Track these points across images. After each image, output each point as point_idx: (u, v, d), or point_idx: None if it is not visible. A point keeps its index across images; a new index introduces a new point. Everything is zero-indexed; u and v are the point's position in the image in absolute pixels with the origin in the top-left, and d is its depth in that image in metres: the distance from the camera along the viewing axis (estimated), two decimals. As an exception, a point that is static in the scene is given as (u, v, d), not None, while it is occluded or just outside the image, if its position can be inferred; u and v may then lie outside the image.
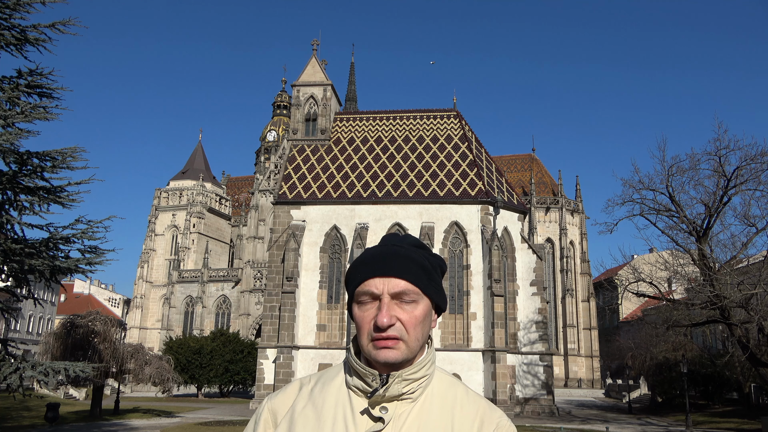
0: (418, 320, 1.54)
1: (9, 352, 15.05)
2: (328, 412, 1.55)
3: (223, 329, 50.26)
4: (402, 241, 1.64)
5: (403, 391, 1.53)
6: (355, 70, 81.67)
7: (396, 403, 1.54)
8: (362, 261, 1.61)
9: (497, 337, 31.42)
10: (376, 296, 1.54)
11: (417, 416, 1.54)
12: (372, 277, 1.55)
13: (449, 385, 1.65)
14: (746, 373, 33.45)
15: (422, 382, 1.57)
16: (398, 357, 1.51)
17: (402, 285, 1.53)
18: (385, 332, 1.50)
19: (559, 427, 24.76)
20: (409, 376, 1.54)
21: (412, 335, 1.53)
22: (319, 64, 42.13)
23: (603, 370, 60.48)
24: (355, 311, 1.58)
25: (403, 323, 1.52)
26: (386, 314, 1.50)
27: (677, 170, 26.47)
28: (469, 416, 1.56)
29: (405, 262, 1.56)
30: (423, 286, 1.56)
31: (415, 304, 1.54)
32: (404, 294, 1.53)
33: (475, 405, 1.60)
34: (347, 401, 1.56)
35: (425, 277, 1.57)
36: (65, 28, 14.86)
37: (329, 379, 1.64)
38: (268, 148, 77.85)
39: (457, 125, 40.44)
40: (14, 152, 13.94)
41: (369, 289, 1.54)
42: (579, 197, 63.99)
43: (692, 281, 26.33)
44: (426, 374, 1.59)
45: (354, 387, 1.58)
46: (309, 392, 1.62)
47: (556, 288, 59.18)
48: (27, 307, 51.90)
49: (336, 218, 35.55)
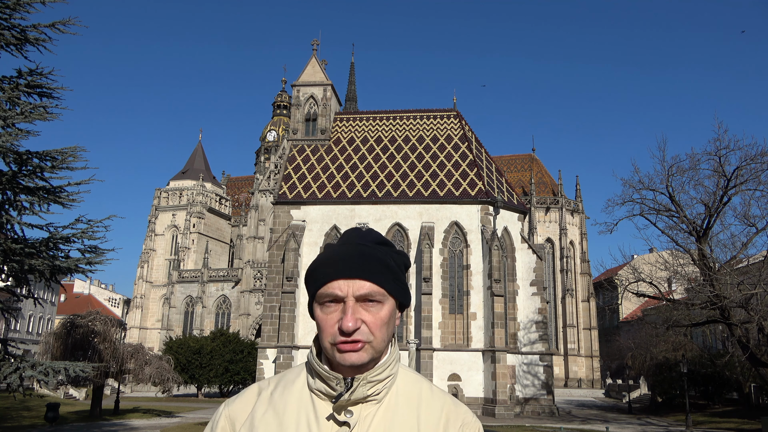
0: (383, 321, 1.49)
1: (9, 351, 15.04)
2: (290, 417, 1.49)
3: (223, 329, 50.26)
4: (365, 239, 1.57)
5: (368, 393, 1.49)
6: (355, 70, 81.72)
7: (361, 406, 1.49)
8: (324, 261, 1.53)
9: (497, 337, 31.42)
10: (340, 299, 1.47)
11: (383, 418, 1.49)
12: (335, 279, 1.47)
13: (413, 383, 1.60)
14: (746, 373, 33.43)
15: (387, 383, 1.53)
16: (364, 359, 1.46)
17: (367, 287, 1.47)
18: (350, 336, 1.45)
19: (559, 427, 24.76)
20: (374, 377, 1.50)
21: (378, 337, 1.48)
22: (319, 64, 42.13)
23: (603, 370, 60.48)
24: (318, 313, 1.51)
25: (369, 325, 1.47)
26: (351, 318, 1.44)
27: (677, 170, 26.48)
28: (434, 414, 1.53)
29: (369, 262, 1.49)
30: (388, 287, 1.50)
31: (380, 305, 1.49)
32: (369, 296, 1.47)
33: (440, 402, 1.57)
34: (310, 405, 1.51)
35: (390, 277, 1.52)
36: (65, 28, 14.85)
37: (290, 383, 1.58)
38: (268, 148, 77.85)
39: (457, 125, 40.44)
40: (14, 152, 13.94)
41: (332, 292, 1.47)
42: (579, 197, 63.98)
43: (692, 281, 26.31)
44: (390, 374, 1.54)
45: (317, 391, 1.52)
46: (269, 397, 1.55)
47: (556, 288, 59.17)
48: (27, 307, 51.90)
49: (336, 218, 35.55)
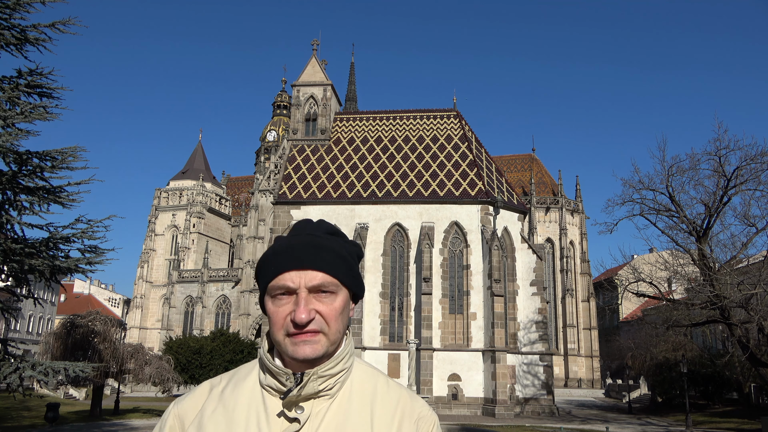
0: (337, 312, 1.46)
1: (9, 352, 15.05)
2: (240, 414, 1.45)
3: (223, 329, 50.22)
4: (317, 229, 1.54)
5: (319, 388, 1.45)
6: (355, 70, 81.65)
7: (313, 401, 1.46)
8: (275, 252, 1.49)
9: (497, 337, 31.41)
10: (292, 290, 1.44)
11: (335, 413, 1.46)
12: (287, 270, 1.44)
13: (369, 377, 1.56)
14: (746, 373, 33.44)
15: (340, 377, 1.49)
16: (319, 351, 1.43)
17: (319, 277, 1.44)
18: (304, 328, 1.42)
19: (559, 427, 24.76)
20: (325, 372, 1.45)
21: (332, 328, 1.45)
22: (319, 64, 42.12)
23: (603, 370, 60.47)
24: (269, 306, 1.47)
25: (323, 316, 1.44)
26: (304, 309, 1.41)
27: (677, 170, 26.49)
28: (389, 409, 1.49)
29: (321, 253, 1.47)
30: (341, 277, 1.47)
31: (333, 296, 1.46)
32: (322, 286, 1.44)
33: (395, 396, 1.53)
34: (261, 402, 1.47)
35: (343, 267, 1.49)
36: (65, 28, 14.85)
37: (241, 379, 1.54)
38: (268, 148, 77.81)
39: (457, 125, 40.44)
40: (14, 152, 13.93)
41: (284, 284, 1.44)
42: (579, 197, 63.95)
43: (692, 281, 26.31)
44: (344, 368, 1.50)
45: (268, 387, 1.48)
46: (219, 394, 1.52)
47: (556, 288, 59.13)
48: (27, 307, 51.89)
49: (336, 218, 35.54)
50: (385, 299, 34.11)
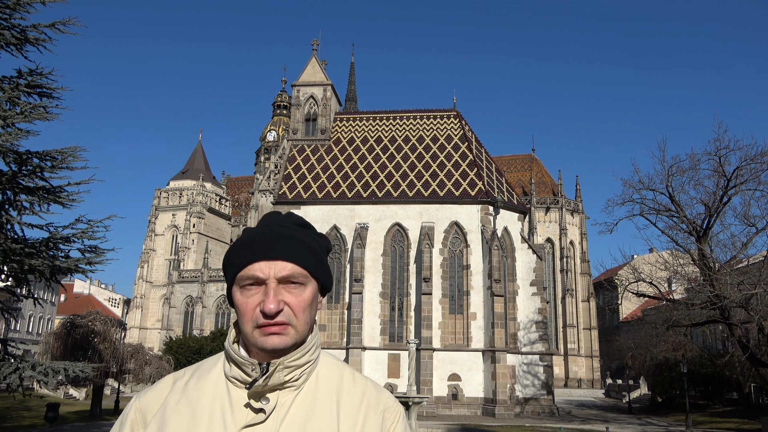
0: (306, 303, 1.46)
1: (9, 352, 15.05)
2: (204, 406, 1.44)
3: (223, 329, 50.24)
4: (286, 221, 1.54)
5: (285, 379, 1.44)
6: (355, 70, 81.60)
7: (278, 392, 1.45)
8: (244, 243, 1.48)
9: (497, 337, 31.41)
10: (261, 281, 1.43)
11: (301, 404, 1.45)
12: (256, 261, 1.43)
13: (335, 369, 1.56)
14: (746, 373, 33.43)
15: (306, 369, 1.49)
16: (287, 342, 1.43)
17: (289, 268, 1.44)
18: (273, 319, 1.41)
19: (559, 427, 24.76)
20: (291, 363, 1.45)
21: (301, 319, 1.45)
22: (319, 64, 42.12)
23: (603, 370, 60.45)
24: (237, 296, 1.46)
25: (292, 307, 1.44)
26: (273, 300, 1.41)
27: (677, 170, 26.48)
28: (355, 400, 1.50)
29: (291, 244, 1.47)
30: (311, 268, 1.47)
31: (302, 287, 1.46)
32: (292, 277, 1.44)
33: (361, 389, 1.53)
34: (225, 393, 1.46)
35: (313, 259, 1.49)
36: (65, 28, 14.85)
37: (206, 371, 1.53)
38: (268, 148, 77.80)
39: (457, 125, 40.44)
40: (14, 152, 13.93)
41: (253, 274, 1.43)
42: (579, 197, 63.94)
43: (692, 281, 26.31)
44: (310, 360, 1.50)
45: (233, 378, 1.47)
46: (183, 387, 1.49)
47: (556, 288, 59.12)
48: (27, 307, 51.88)
49: (336, 218, 35.55)
50: (385, 299, 34.11)
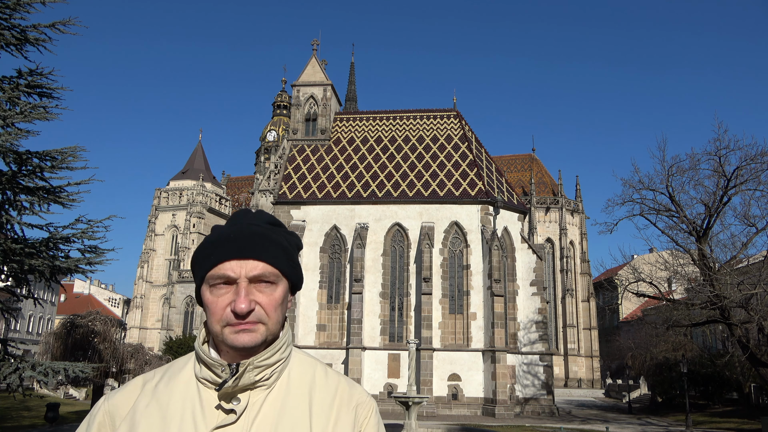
0: (277, 302, 1.45)
1: (9, 352, 15.05)
2: (174, 408, 1.42)
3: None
4: (257, 219, 1.51)
5: (256, 378, 1.43)
6: (355, 70, 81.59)
7: (250, 392, 1.43)
8: (214, 241, 1.46)
9: (497, 337, 31.41)
10: (232, 280, 1.41)
11: (272, 403, 1.44)
12: (227, 260, 1.42)
13: (307, 366, 1.55)
14: (746, 373, 33.44)
15: (277, 367, 1.47)
16: (258, 340, 1.41)
17: (261, 267, 1.43)
18: (244, 319, 1.40)
19: (559, 427, 24.76)
20: (261, 362, 1.43)
21: (272, 318, 1.44)
22: (319, 64, 42.12)
23: (603, 370, 60.46)
24: (207, 295, 1.44)
25: (263, 306, 1.43)
26: (245, 300, 1.39)
27: (677, 170, 26.49)
28: (327, 397, 1.49)
29: (263, 242, 1.45)
30: (282, 267, 1.46)
31: (274, 286, 1.45)
32: (263, 276, 1.43)
33: (333, 385, 1.53)
34: (196, 395, 1.44)
35: (284, 257, 1.48)
36: (65, 28, 14.85)
37: (176, 373, 1.50)
38: (268, 148, 77.81)
39: (457, 125, 40.44)
40: (14, 152, 13.93)
41: (224, 273, 1.41)
42: (579, 197, 63.95)
43: (692, 281, 26.32)
44: (281, 358, 1.48)
45: (203, 379, 1.45)
46: (153, 388, 1.47)
47: (556, 288, 59.13)
48: (27, 307, 51.88)
49: (336, 218, 35.55)
50: (385, 299, 34.11)
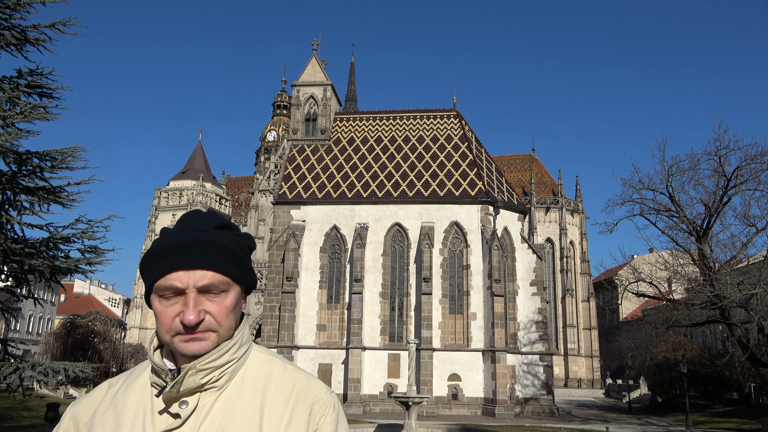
0: (229, 309, 1.43)
1: (9, 352, 15.05)
2: (128, 413, 1.43)
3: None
4: (206, 223, 1.46)
5: (202, 381, 1.40)
6: (355, 70, 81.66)
7: (200, 395, 1.42)
8: (161, 250, 1.42)
9: (497, 337, 31.41)
10: (180, 291, 1.39)
11: (222, 405, 1.41)
12: (174, 270, 1.38)
13: (264, 364, 1.51)
14: (746, 373, 33.46)
15: (227, 368, 1.44)
16: (208, 348, 1.40)
17: (209, 276, 1.39)
18: (194, 330, 1.38)
19: (559, 427, 24.76)
20: (205, 365, 1.40)
21: (224, 325, 1.42)
22: (319, 64, 42.12)
23: (603, 370, 60.50)
24: (156, 304, 1.41)
25: (214, 316, 1.40)
26: (193, 311, 1.37)
27: (677, 170, 26.52)
28: (283, 395, 1.45)
29: (210, 250, 1.40)
30: (232, 274, 1.43)
31: (224, 294, 1.42)
32: (212, 286, 1.40)
33: (291, 381, 1.48)
34: (149, 400, 1.44)
35: (234, 264, 1.44)
36: (65, 28, 14.85)
37: (135, 378, 1.51)
38: (268, 148, 77.83)
39: (457, 125, 40.44)
40: (14, 152, 13.93)
41: (171, 284, 1.38)
42: (579, 197, 63.98)
43: (692, 281, 26.34)
44: (231, 359, 1.45)
45: (155, 384, 1.45)
46: (114, 394, 1.49)
47: (556, 288, 59.15)
48: (27, 307, 51.87)
49: (336, 218, 35.54)
50: (385, 299, 34.11)
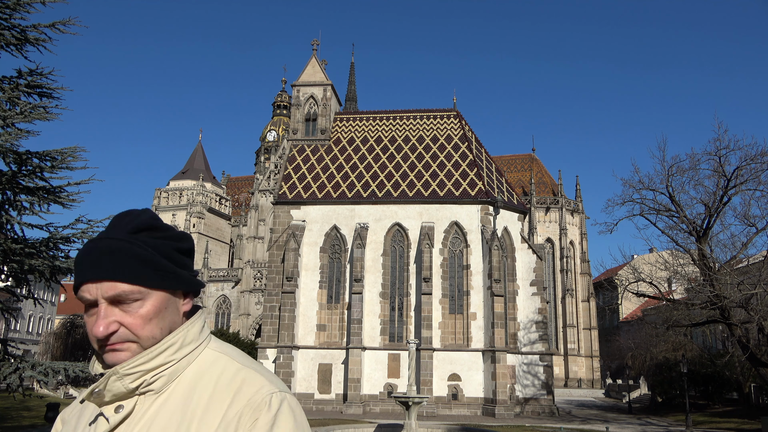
0: (145, 319, 1.36)
1: (9, 352, 15.05)
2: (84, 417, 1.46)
3: (223, 329, 50.29)
4: (117, 230, 1.40)
5: (132, 386, 1.36)
6: (355, 70, 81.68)
7: (137, 398, 1.38)
8: (76, 261, 1.41)
9: (497, 337, 31.41)
10: (93, 302, 1.36)
11: (157, 409, 1.37)
12: (85, 282, 1.36)
13: (212, 364, 1.44)
14: (746, 373, 33.46)
15: (161, 371, 1.39)
16: (126, 358, 1.37)
17: (118, 288, 1.34)
18: (107, 341, 1.35)
19: (559, 427, 24.77)
20: (130, 370, 1.35)
21: (143, 335, 1.36)
22: (319, 64, 42.12)
23: (603, 370, 60.51)
24: (85, 315, 1.40)
25: (128, 327, 1.35)
26: (102, 323, 1.33)
27: (677, 170, 26.53)
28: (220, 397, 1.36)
29: (118, 259, 1.35)
30: (144, 282, 1.36)
31: (141, 302, 1.37)
32: (121, 297, 1.35)
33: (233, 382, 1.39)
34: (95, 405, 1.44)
35: (147, 271, 1.36)
36: (65, 28, 14.84)
37: None
38: (268, 148, 77.86)
39: (457, 125, 40.44)
40: (14, 152, 13.93)
41: (83, 296, 1.37)
42: (579, 197, 63.98)
43: (692, 281, 26.35)
44: (167, 362, 1.39)
45: None
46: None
47: (556, 288, 59.14)
48: (27, 307, 51.89)
49: (336, 218, 35.54)
50: (385, 299, 34.11)
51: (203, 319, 1.53)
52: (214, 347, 1.50)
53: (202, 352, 1.47)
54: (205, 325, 1.54)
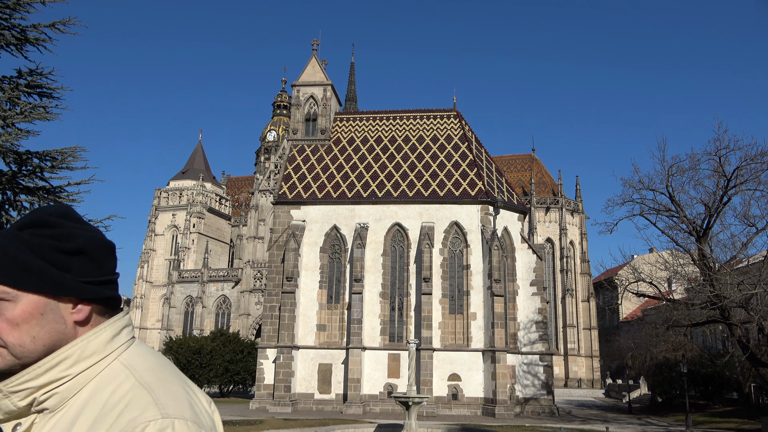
0: (12, 323, 1.26)
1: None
2: None
3: (223, 329, 50.25)
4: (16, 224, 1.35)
5: (21, 404, 1.28)
6: (355, 70, 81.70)
7: (36, 416, 1.30)
8: None
9: (497, 337, 31.42)
10: None
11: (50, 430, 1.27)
12: None
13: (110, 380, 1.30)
14: (746, 373, 33.48)
15: (53, 389, 1.29)
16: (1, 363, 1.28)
17: None
18: None
19: (559, 427, 24.77)
20: (14, 387, 1.27)
21: (10, 341, 1.27)
22: (319, 64, 42.12)
23: (603, 370, 60.54)
24: None
25: None
26: None
27: (677, 170, 26.54)
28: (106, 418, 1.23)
29: None
30: (13, 282, 1.27)
31: (11, 304, 1.27)
32: None
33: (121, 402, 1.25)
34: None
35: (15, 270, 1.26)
36: (65, 28, 14.84)
37: None
38: (268, 148, 77.91)
39: (457, 125, 40.45)
40: (14, 152, 13.94)
41: None
42: (579, 197, 64.00)
43: (692, 281, 26.37)
44: (59, 377, 1.29)
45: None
46: None
47: (556, 288, 59.17)
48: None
49: (336, 218, 35.55)
50: (385, 299, 34.12)
51: (117, 327, 1.39)
52: (125, 358, 1.35)
53: (110, 365, 1.33)
54: (119, 334, 1.39)
